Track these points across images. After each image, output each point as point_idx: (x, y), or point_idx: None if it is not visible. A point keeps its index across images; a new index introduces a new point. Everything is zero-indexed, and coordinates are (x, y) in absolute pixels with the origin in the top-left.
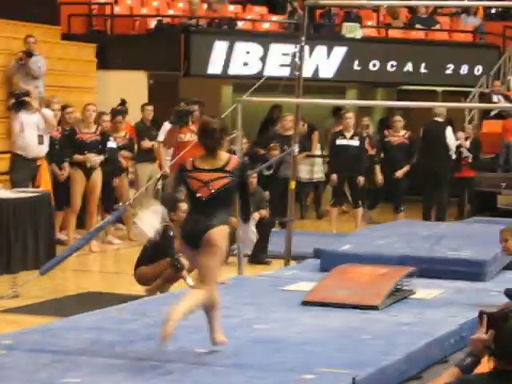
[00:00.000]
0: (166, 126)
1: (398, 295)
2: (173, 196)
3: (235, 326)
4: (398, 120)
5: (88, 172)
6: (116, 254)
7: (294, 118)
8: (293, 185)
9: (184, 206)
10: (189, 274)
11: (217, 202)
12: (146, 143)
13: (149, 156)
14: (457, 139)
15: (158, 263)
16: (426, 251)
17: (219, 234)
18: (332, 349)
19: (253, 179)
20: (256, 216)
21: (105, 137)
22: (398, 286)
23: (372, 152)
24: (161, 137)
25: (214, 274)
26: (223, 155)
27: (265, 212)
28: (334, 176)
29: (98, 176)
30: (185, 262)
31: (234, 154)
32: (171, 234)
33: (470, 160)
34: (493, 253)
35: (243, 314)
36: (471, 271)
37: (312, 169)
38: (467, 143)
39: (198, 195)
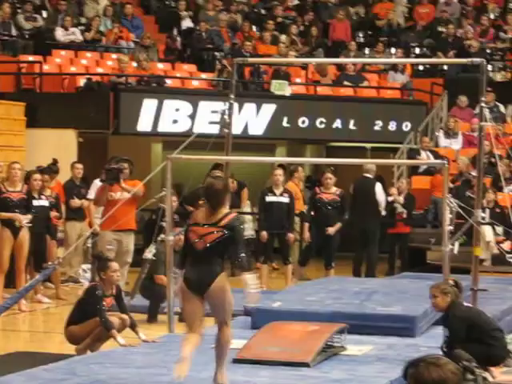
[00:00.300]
0: (96, 183)
1: (329, 352)
2: (103, 255)
3: None
4: (329, 177)
5: (16, 231)
6: (45, 313)
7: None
8: None
9: (115, 266)
10: (119, 333)
11: (212, 253)
12: (75, 202)
13: (78, 214)
14: (390, 195)
15: (88, 322)
16: (357, 307)
17: (224, 280)
18: None
19: (181, 237)
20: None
21: (30, 196)
22: (329, 343)
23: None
24: (91, 195)
25: (229, 312)
26: (222, 212)
27: None
28: (264, 233)
29: (25, 235)
30: (114, 320)
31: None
32: (99, 293)
33: (404, 215)
34: (423, 308)
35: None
36: (401, 327)
37: None
38: (401, 199)
39: (195, 247)
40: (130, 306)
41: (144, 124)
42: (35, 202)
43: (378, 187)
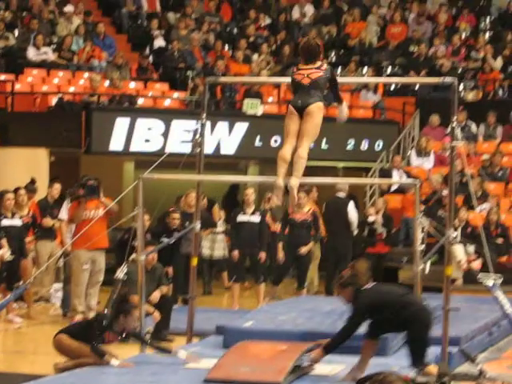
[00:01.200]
0: (68, 204)
1: (301, 371)
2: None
3: None
4: (301, 197)
5: None
6: (17, 333)
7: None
8: (195, 261)
9: (136, 314)
10: (112, 357)
11: (314, 87)
12: (47, 221)
13: (49, 234)
14: (368, 215)
15: (81, 345)
16: (329, 327)
17: (320, 106)
18: None
19: (154, 256)
20: (157, 294)
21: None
22: (301, 362)
23: (274, 226)
24: (63, 215)
25: (312, 135)
26: (319, 62)
27: (166, 289)
28: (236, 252)
29: None
30: (105, 348)
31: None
32: (105, 323)
33: (384, 235)
34: None
35: None
36: None
37: (213, 245)
38: (380, 218)
39: (302, 82)
40: None
41: (116, 143)
42: (7, 222)
43: (351, 206)
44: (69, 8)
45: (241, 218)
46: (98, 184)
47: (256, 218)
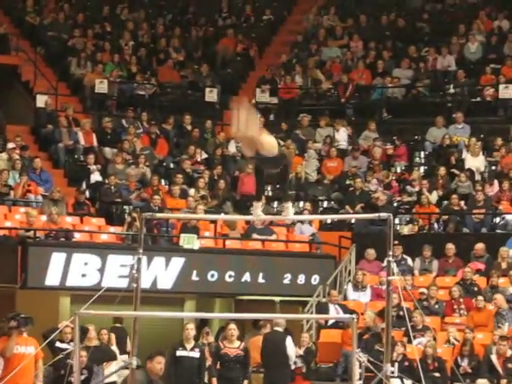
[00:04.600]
0: None
1: None
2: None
3: None
4: (233, 329)
5: None
6: None
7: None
8: None
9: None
10: None
11: None
12: None
13: None
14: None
15: None
16: None
17: None
18: None
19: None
20: None
21: None
22: None
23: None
24: None
25: None
26: None
27: None
28: None
29: None
30: None
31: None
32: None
33: (303, 370)
34: None
35: None
36: None
37: None
38: (300, 351)
39: None
40: None
41: (52, 278)
42: None
43: (289, 341)
44: (10, 145)
45: (180, 353)
46: (30, 317)
47: (196, 354)
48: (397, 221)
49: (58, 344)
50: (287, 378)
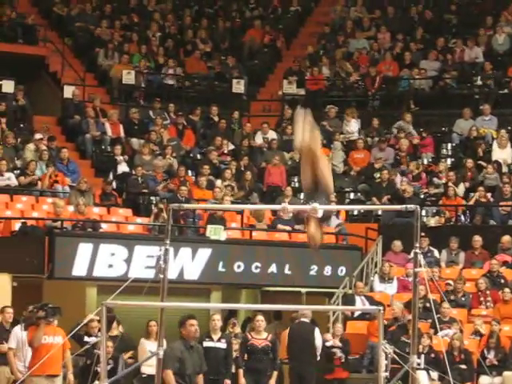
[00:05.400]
0: (16, 332)
1: None
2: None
3: None
4: (260, 320)
5: None
6: None
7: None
8: None
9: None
10: None
11: None
12: (3, 347)
13: (6, 359)
14: (326, 340)
15: None
16: None
17: None
18: None
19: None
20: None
21: None
22: None
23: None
24: (11, 343)
25: None
26: None
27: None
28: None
29: None
30: None
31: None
32: None
33: (343, 360)
34: None
35: None
36: None
37: None
38: (337, 342)
39: None
40: None
41: (79, 268)
42: None
43: (317, 332)
44: (37, 136)
45: (207, 343)
46: (58, 307)
47: (222, 345)
48: (423, 213)
49: (86, 338)
50: (314, 370)
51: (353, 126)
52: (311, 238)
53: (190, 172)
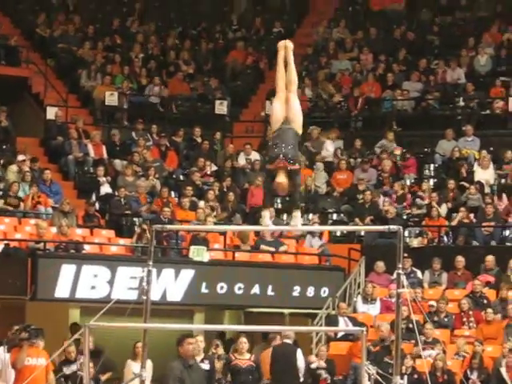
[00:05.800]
0: (0, 353)
1: None
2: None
3: None
4: (244, 342)
5: None
6: None
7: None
8: None
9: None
10: None
11: None
12: None
13: None
14: (310, 362)
15: None
16: None
17: None
18: None
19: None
20: None
21: None
22: None
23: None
24: None
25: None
26: None
27: None
28: None
29: None
30: None
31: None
32: None
33: (328, 381)
34: None
35: None
36: None
37: None
38: (323, 363)
39: None
40: None
41: (62, 290)
42: None
43: (299, 353)
44: (20, 157)
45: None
46: (41, 329)
47: (205, 366)
48: (406, 233)
49: (64, 369)
50: None
51: (329, 146)
52: (278, 184)
53: (172, 193)
